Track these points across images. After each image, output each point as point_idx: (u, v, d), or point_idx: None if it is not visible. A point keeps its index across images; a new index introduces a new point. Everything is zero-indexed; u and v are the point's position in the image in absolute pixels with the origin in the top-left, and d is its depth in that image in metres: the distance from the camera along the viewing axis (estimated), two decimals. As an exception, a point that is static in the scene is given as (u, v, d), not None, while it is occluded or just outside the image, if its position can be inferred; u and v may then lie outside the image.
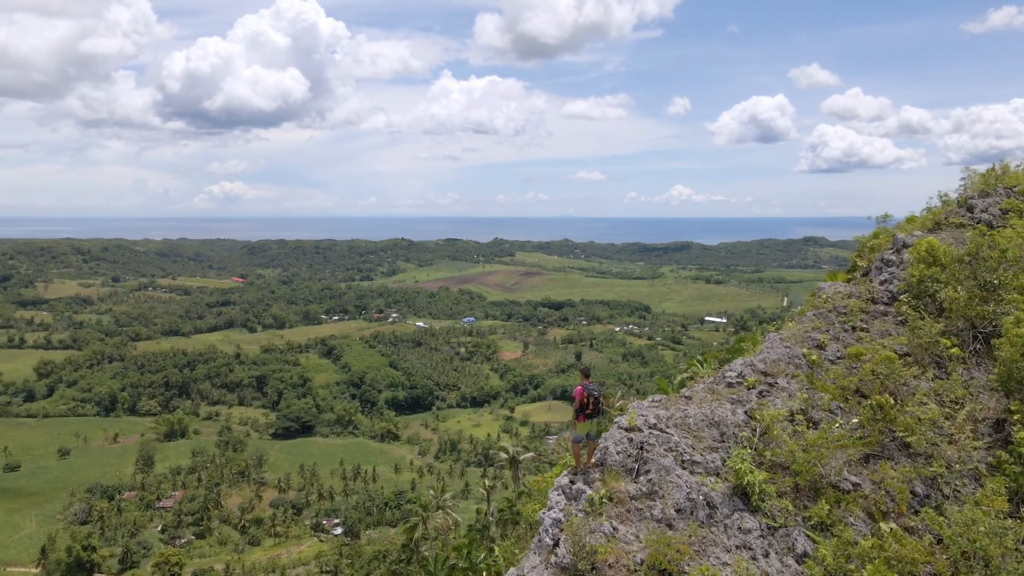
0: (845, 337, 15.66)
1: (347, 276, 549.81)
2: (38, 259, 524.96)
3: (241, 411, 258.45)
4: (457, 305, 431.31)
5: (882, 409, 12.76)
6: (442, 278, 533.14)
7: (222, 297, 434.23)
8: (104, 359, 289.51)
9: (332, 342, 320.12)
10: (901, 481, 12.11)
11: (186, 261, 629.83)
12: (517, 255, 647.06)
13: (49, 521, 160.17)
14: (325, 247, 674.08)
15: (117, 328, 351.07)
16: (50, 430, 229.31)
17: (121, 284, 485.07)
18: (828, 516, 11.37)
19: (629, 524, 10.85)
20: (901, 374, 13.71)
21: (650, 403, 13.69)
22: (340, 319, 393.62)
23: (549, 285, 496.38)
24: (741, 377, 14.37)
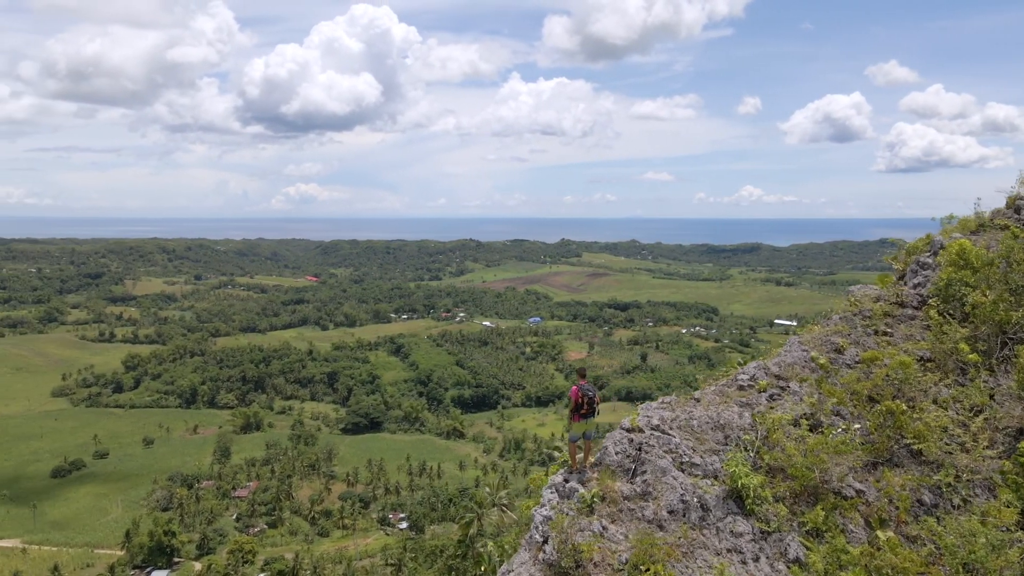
0: (866, 341, 15.25)
1: (416, 276, 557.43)
2: (127, 258, 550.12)
3: (313, 406, 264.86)
4: (523, 305, 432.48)
5: (892, 415, 12.38)
6: (509, 278, 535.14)
7: (296, 295, 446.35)
8: (186, 354, 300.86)
9: (401, 340, 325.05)
10: (908, 489, 11.77)
11: (263, 260, 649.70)
12: (584, 256, 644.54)
13: (133, 506, 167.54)
14: (395, 247, 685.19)
15: (199, 324, 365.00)
16: (136, 420, 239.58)
17: (203, 282, 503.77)
18: (824, 522, 11.13)
19: (620, 524, 10.86)
20: (917, 380, 13.29)
21: (658, 404, 13.62)
22: (409, 318, 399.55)
23: (615, 286, 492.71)
24: (753, 380, 14.17)
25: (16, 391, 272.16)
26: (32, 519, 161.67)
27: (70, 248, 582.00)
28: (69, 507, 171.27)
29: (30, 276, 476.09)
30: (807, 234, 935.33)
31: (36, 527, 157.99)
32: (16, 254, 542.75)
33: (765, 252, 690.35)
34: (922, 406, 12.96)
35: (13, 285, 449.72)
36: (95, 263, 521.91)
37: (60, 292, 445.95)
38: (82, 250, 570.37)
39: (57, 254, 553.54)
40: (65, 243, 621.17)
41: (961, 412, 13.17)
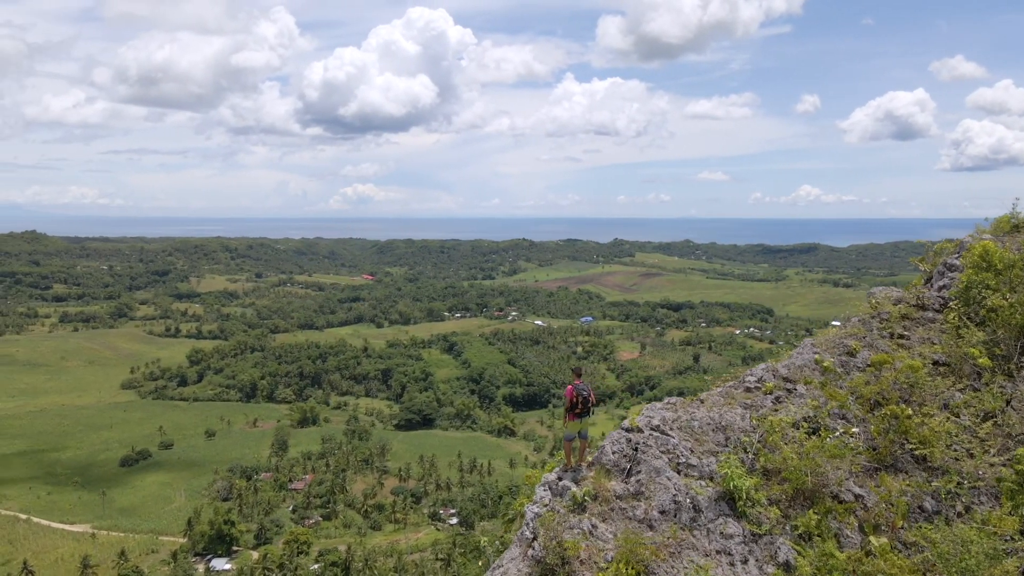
0: (880, 344, 14.93)
1: (470, 275, 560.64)
2: (192, 256, 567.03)
3: (367, 402, 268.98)
4: (575, 305, 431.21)
5: (896, 419, 12.10)
6: (561, 278, 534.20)
7: (352, 293, 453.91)
8: (247, 349, 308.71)
9: (454, 338, 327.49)
10: (909, 495, 11.52)
11: (321, 259, 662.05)
12: (637, 256, 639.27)
13: (195, 496, 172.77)
14: (450, 247, 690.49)
15: (259, 321, 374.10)
16: (199, 413, 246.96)
17: (263, 280, 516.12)
18: (817, 526, 10.96)
19: (610, 523, 10.88)
20: (928, 384, 12.97)
21: (662, 405, 13.59)
22: (462, 316, 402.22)
23: (668, 286, 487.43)
24: (760, 382, 14.07)
25: (88, 383, 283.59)
26: (102, 505, 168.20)
27: (139, 246, 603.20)
28: (136, 495, 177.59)
29: (102, 273, 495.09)
30: (867, 234, 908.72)
31: (105, 513, 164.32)
32: (90, 252, 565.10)
33: (823, 252, 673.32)
34: (925, 411, 12.63)
35: (87, 282, 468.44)
36: (162, 261, 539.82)
37: (130, 289, 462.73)
38: (150, 248, 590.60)
39: (127, 252, 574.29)
40: (135, 242, 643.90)
41: (973, 418, 12.82)
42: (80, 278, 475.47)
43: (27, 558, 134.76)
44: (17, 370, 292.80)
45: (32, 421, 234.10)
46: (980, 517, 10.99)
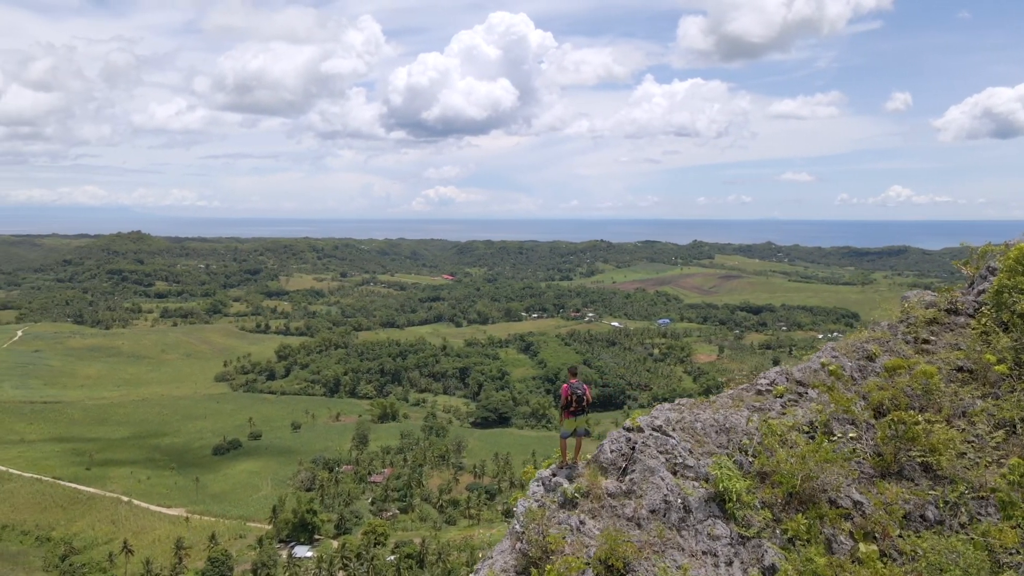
0: (901, 349, 14.35)
1: (547, 276, 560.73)
2: (282, 255, 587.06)
3: (445, 399, 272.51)
4: (653, 306, 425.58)
5: (903, 426, 11.57)
6: (639, 279, 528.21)
7: (433, 293, 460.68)
8: (331, 346, 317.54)
9: (530, 338, 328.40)
10: (912, 504, 11.05)
11: (403, 259, 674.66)
12: (716, 258, 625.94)
13: (281, 485, 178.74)
14: (528, 248, 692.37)
15: (343, 318, 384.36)
16: (286, 406, 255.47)
17: (348, 279, 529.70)
18: (808, 531, 10.66)
19: (599, 519, 10.84)
20: (943, 391, 12.33)
21: (670, 406, 13.51)
22: (539, 317, 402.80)
23: (749, 289, 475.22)
24: (772, 385, 13.83)
25: (185, 375, 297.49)
26: (195, 491, 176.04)
27: (234, 246, 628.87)
28: (226, 482, 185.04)
29: (199, 272, 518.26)
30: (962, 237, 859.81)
31: (198, 498, 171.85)
32: (189, 251, 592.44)
33: (913, 255, 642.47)
34: (930, 418, 12.05)
35: (186, 279, 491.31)
36: (254, 260, 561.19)
37: (224, 286, 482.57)
38: (244, 248, 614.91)
39: (223, 252, 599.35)
40: (229, 242, 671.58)
41: (984, 426, 12.18)
42: (180, 276, 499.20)
43: (127, 538, 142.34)
44: (123, 362, 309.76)
45: (135, 409, 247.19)
46: (981, 529, 10.49)
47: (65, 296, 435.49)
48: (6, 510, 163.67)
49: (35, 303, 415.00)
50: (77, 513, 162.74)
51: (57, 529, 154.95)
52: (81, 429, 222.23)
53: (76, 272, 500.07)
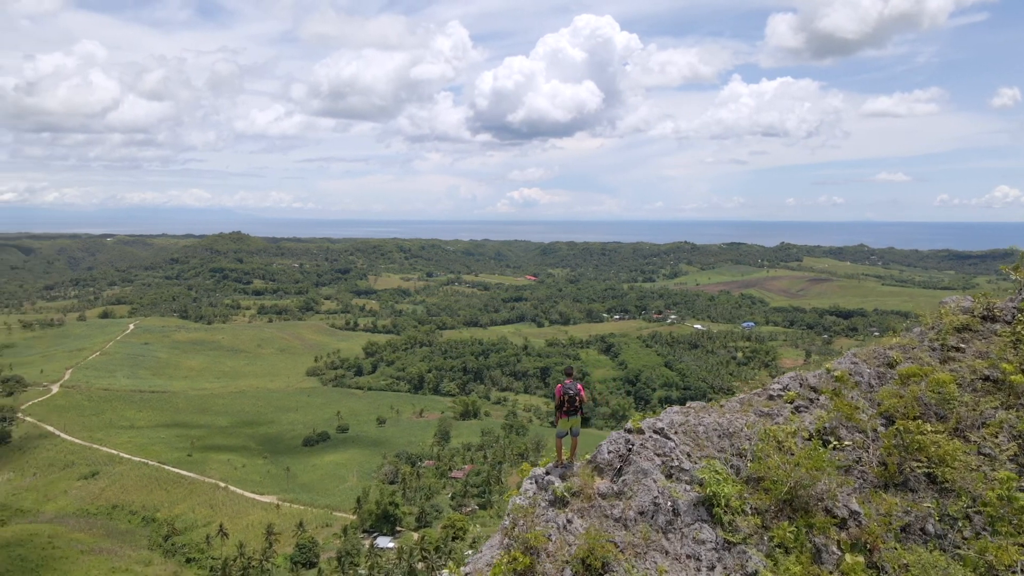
0: (925, 356, 13.55)
1: (630, 277, 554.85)
2: (371, 255, 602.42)
3: (526, 399, 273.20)
4: (737, 309, 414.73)
5: (909, 435, 10.93)
6: (723, 282, 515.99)
7: (516, 293, 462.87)
8: (416, 344, 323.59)
9: (611, 339, 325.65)
10: (914, 516, 10.43)
11: (487, 260, 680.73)
12: (805, 260, 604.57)
13: (366, 477, 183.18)
14: (611, 249, 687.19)
15: (428, 317, 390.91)
16: (372, 401, 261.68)
17: (433, 279, 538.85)
18: (795, 539, 10.22)
19: (587, 519, 10.79)
20: (960, 400, 11.52)
21: (678, 409, 13.34)
22: (620, 318, 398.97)
23: (838, 292, 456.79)
24: (785, 390, 13.41)
25: (279, 369, 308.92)
26: (286, 480, 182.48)
27: (326, 246, 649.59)
28: (315, 472, 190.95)
29: (294, 271, 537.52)
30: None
31: (288, 487, 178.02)
32: (284, 251, 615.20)
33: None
34: (938, 428, 11.38)
35: (281, 278, 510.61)
36: (345, 260, 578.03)
37: (316, 285, 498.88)
38: (335, 248, 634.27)
39: (315, 252, 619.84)
40: (322, 242, 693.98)
41: (992, 438, 11.38)
42: (276, 274, 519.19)
43: (223, 522, 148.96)
44: (222, 355, 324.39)
45: (233, 400, 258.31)
46: (980, 545, 9.83)
47: (172, 292, 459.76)
48: (117, 491, 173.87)
49: (145, 299, 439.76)
50: (179, 496, 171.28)
51: (161, 510, 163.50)
52: (184, 417, 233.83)
53: (182, 270, 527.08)
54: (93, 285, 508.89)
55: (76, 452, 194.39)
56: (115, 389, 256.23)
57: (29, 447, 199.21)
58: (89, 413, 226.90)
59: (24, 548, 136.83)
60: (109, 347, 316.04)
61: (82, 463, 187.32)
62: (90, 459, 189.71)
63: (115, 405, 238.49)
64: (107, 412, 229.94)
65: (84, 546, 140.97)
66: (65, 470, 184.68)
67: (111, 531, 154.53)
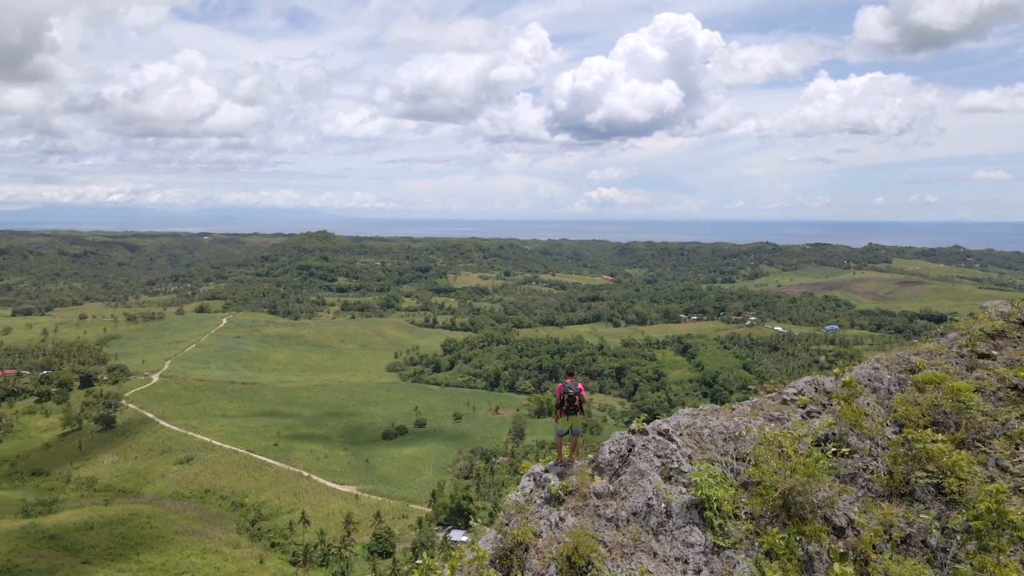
0: (951, 363, 12.91)
1: (709, 278, 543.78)
2: (450, 254, 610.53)
3: (600, 398, 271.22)
4: (821, 312, 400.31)
5: (918, 444, 10.43)
6: (806, 283, 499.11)
7: (592, 293, 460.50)
8: (493, 342, 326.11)
9: (688, 340, 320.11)
10: (916, 528, 9.96)
11: (565, 259, 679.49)
12: (894, 262, 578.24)
13: (441, 471, 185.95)
14: (689, 249, 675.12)
15: (505, 315, 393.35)
16: (449, 397, 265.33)
17: (511, 278, 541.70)
18: (785, 547, 9.88)
19: (580, 518, 10.76)
20: (975, 409, 10.96)
21: (687, 411, 13.19)
22: (698, 319, 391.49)
23: (931, 295, 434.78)
24: (799, 394, 13.12)
25: (361, 364, 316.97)
26: (365, 471, 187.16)
27: (407, 245, 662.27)
28: (392, 465, 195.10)
29: (376, 269, 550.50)
30: None
31: (367, 478, 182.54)
32: (367, 250, 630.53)
33: None
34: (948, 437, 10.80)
35: (363, 276, 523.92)
36: (425, 258, 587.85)
37: (398, 283, 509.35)
38: (416, 247, 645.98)
39: (397, 250, 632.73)
40: (403, 241, 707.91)
41: (1003, 450, 10.79)
42: (358, 272, 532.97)
43: (305, 509, 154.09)
44: (307, 349, 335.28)
45: (317, 394, 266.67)
46: (978, 561, 9.33)
47: (262, 289, 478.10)
48: (209, 476, 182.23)
49: (238, 294, 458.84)
50: (266, 483, 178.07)
51: (249, 496, 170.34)
52: (272, 408, 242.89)
53: (272, 267, 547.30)
54: (191, 281, 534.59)
55: (173, 438, 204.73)
56: (209, 380, 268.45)
57: (131, 432, 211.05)
58: (185, 402, 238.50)
59: (125, 527, 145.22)
60: (204, 340, 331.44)
61: (178, 449, 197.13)
62: (185, 445, 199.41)
63: (209, 395, 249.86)
64: (201, 401, 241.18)
65: (179, 527, 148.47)
66: (163, 455, 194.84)
67: (203, 514, 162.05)
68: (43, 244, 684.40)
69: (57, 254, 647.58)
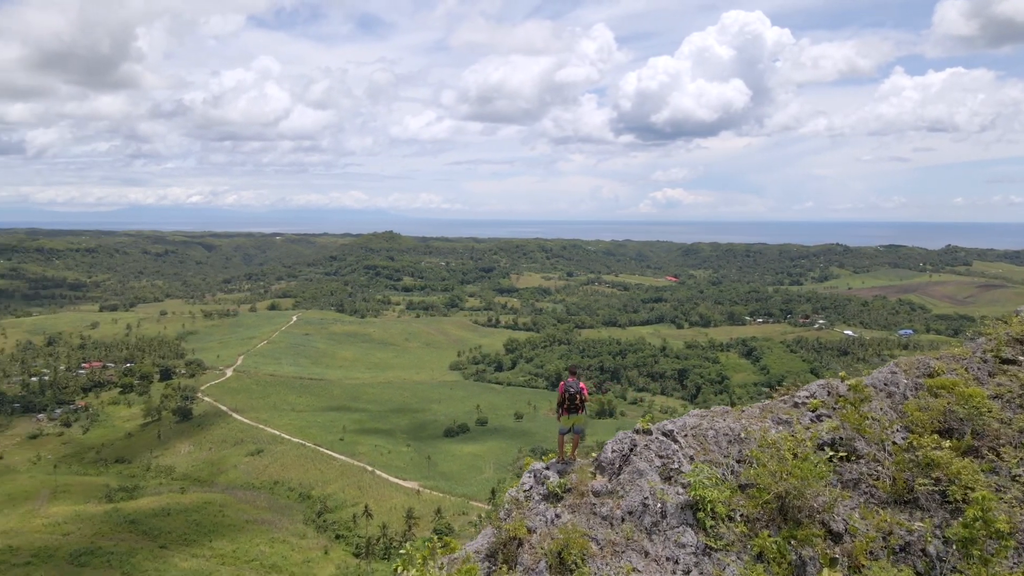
0: (977, 368, 12.31)
1: (775, 280, 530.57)
2: (513, 255, 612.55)
3: (662, 400, 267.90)
4: (894, 316, 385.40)
5: (922, 450, 10.02)
6: (879, 286, 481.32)
7: (655, 294, 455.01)
8: (555, 342, 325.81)
9: (753, 343, 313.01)
10: (916, 535, 9.59)
11: (628, 260, 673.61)
12: (975, 264, 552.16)
13: (501, 469, 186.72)
14: (756, 250, 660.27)
15: (567, 316, 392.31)
16: (510, 396, 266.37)
17: (574, 278, 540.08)
18: (777, 550, 9.62)
19: (576, 515, 10.74)
20: (993, 415, 10.49)
21: (696, 413, 13.10)
22: (764, 321, 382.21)
23: (1015, 300, 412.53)
24: (811, 397, 12.89)
25: (425, 362, 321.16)
26: (427, 467, 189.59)
27: (471, 246, 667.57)
28: (454, 462, 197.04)
29: (440, 269, 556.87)
30: None
31: (429, 474, 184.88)
32: (432, 250, 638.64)
33: None
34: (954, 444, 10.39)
35: (428, 275, 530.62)
36: (489, 259, 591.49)
37: (461, 282, 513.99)
38: (480, 248, 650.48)
39: (461, 251, 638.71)
40: (468, 242, 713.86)
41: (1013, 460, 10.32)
42: (423, 272, 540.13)
43: (369, 503, 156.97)
44: (373, 347, 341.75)
45: (382, 391, 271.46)
46: (975, 572, 8.95)
47: (330, 287, 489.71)
48: (278, 468, 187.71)
49: (307, 293, 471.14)
50: (331, 476, 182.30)
51: (315, 489, 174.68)
52: (338, 404, 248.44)
53: (340, 267, 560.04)
54: (263, 279, 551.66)
55: (245, 431, 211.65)
56: (279, 375, 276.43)
57: (207, 424, 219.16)
58: (257, 396, 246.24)
59: (199, 514, 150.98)
60: (275, 337, 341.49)
61: (250, 441, 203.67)
62: (256, 438, 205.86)
63: (279, 390, 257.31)
64: (272, 396, 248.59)
65: (249, 516, 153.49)
66: (235, 446, 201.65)
67: (272, 504, 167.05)
68: (128, 244, 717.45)
69: (141, 253, 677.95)
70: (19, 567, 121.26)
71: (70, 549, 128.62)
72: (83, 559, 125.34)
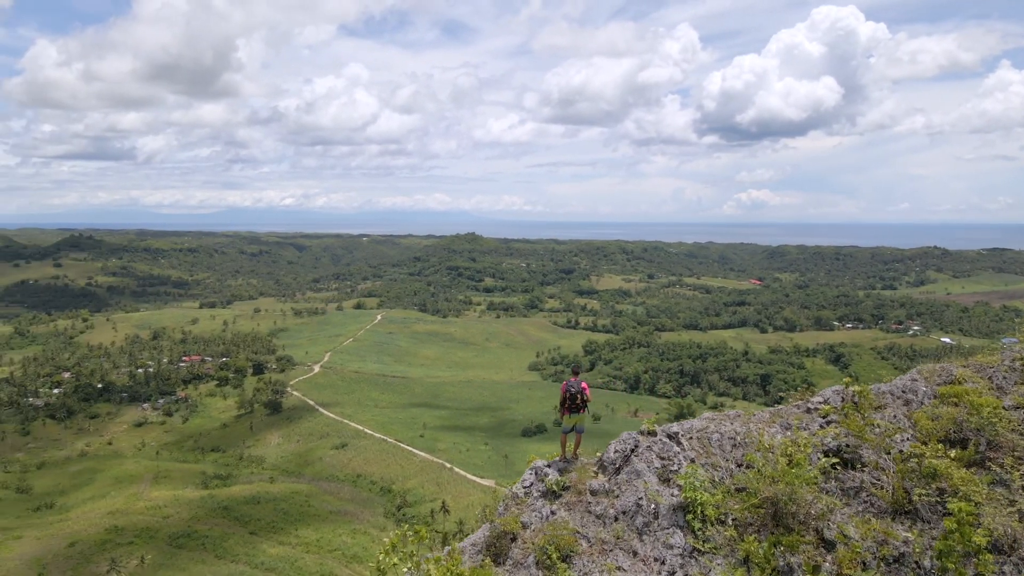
0: (1002, 378, 11.74)
1: (867, 284, 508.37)
2: (594, 256, 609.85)
3: (744, 405, 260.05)
4: (998, 323, 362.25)
5: (924, 459, 9.58)
6: (981, 292, 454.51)
7: (738, 297, 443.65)
8: (634, 344, 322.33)
9: (841, 349, 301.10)
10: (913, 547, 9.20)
11: (711, 262, 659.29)
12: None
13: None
14: (846, 253, 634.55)
15: (647, 318, 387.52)
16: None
17: (654, 280, 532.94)
18: (764, 555, 9.42)
19: (572, 513, 10.80)
20: (1009, 427, 9.96)
21: (705, 416, 13.23)
22: (853, 327, 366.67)
23: None
24: (824, 404, 12.75)
25: (504, 362, 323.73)
26: (503, 466, 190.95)
27: (551, 247, 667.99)
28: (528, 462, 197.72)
29: (521, 270, 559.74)
30: None
31: (506, 473, 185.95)
32: (513, 251, 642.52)
33: None
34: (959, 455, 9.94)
35: (509, 277, 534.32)
36: (569, 260, 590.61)
37: (541, 284, 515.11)
38: (560, 249, 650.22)
39: (542, 252, 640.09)
40: (548, 243, 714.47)
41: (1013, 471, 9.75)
42: (504, 273, 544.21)
43: (446, 499, 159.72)
44: (454, 346, 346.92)
45: (462, 389, 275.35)
46: None
47: (413, 287, 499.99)
48: (361, 462, 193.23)
49: (392, 292, 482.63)
50: (411, 471, 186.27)
51: (396, 483, 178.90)
52: (419, 401, 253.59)
53: (423, 267, 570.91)
54: (350, 279, 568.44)
55: (330, 425, 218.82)
56: (364, 372, 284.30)
57: (295, 417, 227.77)
58: (342, 392, 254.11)
59: (287, 503, 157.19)
60: (360, 335, 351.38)
61: (334, 435, 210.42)
62: (341, 432, 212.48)
63: (363, 386, 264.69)
64: (356, 392, 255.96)
65: (333, 507, 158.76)
66: (321, 440, 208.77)
67: (355, 497, 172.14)
68: (226, 244, 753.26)
69: (237, 253, 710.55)
70: (123, 546, 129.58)
71: (169, 531, 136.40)
72: (180, 541, 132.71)
